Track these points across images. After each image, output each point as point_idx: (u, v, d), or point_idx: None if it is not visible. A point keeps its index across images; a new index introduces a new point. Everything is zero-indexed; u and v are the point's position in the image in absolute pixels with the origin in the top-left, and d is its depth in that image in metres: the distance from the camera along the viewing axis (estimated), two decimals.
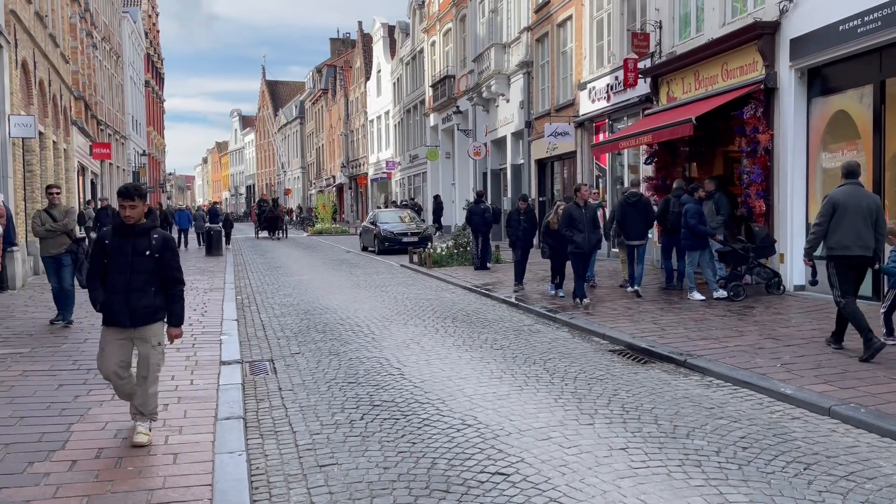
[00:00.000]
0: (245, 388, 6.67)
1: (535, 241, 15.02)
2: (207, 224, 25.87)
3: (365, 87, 50.41)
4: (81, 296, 8.69)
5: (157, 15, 55.76)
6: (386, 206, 36.65)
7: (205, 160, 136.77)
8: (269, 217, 34.35)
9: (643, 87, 15.80)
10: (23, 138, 14.49)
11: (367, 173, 50.36)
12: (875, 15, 9.50)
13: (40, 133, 16.42)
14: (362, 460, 4.80)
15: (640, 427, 5.31)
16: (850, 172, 7.41)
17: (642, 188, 15.70)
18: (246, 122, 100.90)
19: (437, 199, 33.91)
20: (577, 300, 10.80)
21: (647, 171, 15.56)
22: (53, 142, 18.66)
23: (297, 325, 10.16)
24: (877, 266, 7.55)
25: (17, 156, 14.56)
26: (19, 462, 4.54)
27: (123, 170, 36.51)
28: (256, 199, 49.79)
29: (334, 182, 59.17)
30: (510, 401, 6.06)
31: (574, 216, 10.75)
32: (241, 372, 7.20)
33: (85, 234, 17.15)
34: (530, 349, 8.19)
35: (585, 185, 11.88)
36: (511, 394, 6.29)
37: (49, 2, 18.92)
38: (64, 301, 9.42)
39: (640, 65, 15.55)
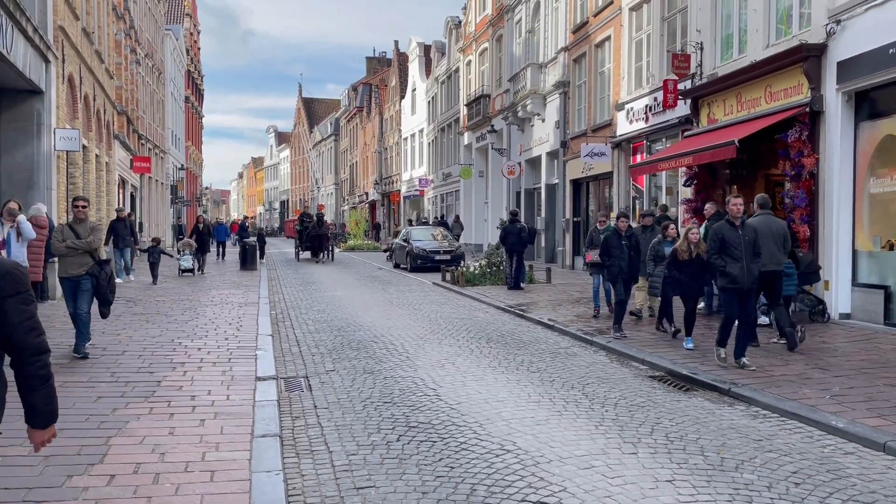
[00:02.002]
0: (280, 404, 6.63)
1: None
2: (248, 238, 26.16)
3: (400, 106, 50.80)
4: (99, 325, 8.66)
5: (198, 33, 56.96)
6: (418, 223, 36.65)
7: (240, 175, 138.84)
8: (314, 235, 28.60)
9: (682, 108, 15.62)
10: (67, 151, 14.77)
11: (399, 190, 50.59)
12: None
13: (84, 146, 16.74)
14: (400, 484, 4.71)
15: (686, 458, 5.14)
16: (763, 205, 9.28)
17: (681, 210, 15.54)
18: (281, 138, 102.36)
19: (443, 218, 34.01)
20: (738, 360, 7.87)
21: (685, 192, 15.34)
22: (96, 155, 19.03)
23: (332, 341, 10.13)
24: None
25: (61, 168, 14.86)
26: (59, 475, 4.54)
27: (162, 183, 37.16)
28: (298, 213, 41.97)
29: (367, 198, 59.53)
30: (549, 426, 5.93)
31: (728, 239, 7.93)
32: (277, 388, 7.17)
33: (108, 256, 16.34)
34: (568, 373, 8.04)
35: (737, 196, 8.33)
36: (550, 419, 6.15)
37: (96, 18, 19.38)
38: (77, 329, 8.28)
39: (681, 86, 15.39)
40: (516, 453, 5.25)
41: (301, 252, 29.94)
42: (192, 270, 20.21)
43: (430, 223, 33.35)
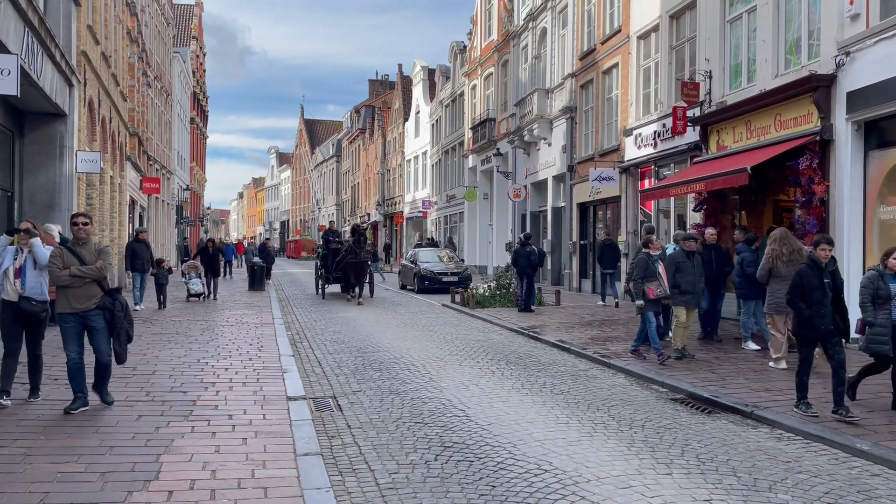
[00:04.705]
0: (314, 424, 6.77)
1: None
2: (255, 258, 26.15)
3: (403, 128, 51.26)
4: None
5: (204, 55, 57.54)
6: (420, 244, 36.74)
7: (240, 195, 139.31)
8: (351, 263, 19.38)
9: (691, 134, 15.90)
10: (87, 173, 14.99)
11: (402, 212, 50.89)
12: None
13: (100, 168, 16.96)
14: (445, 501, 4.86)
15: (720, 479, 5.30)
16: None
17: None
18: (283, 158, 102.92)
19: (432, 240, 34.32)
20: None
21: (694, 217, 15.57)
22: (111, 176, 19.27)
23: (353, 362, 10.28)
24: None
25: (81, 190, 15.08)
26: (119, 491, 4.68)
27: (168, 203, 37.40)
28: (298, 233, 31.64)
29: (369, 219, 59.80)
30: (582, 447, 6.09)
31: None
32: (309, 408, 7.32)
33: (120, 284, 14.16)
34: (591, 395, 8.21)
35: None
36: (582, 440, 6.31)
37: (113, 42, 19.72)
38: (100, 374, 6.99)
39: (690, 113, 15.69)
40: (554, 473, 5.41)
41: (327, 283, 21.51)
42: (200, 295, 19.04)
43: (424, 245, 33.57)
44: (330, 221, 29.75)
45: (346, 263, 19.52)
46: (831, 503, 4.84)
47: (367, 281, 19.94)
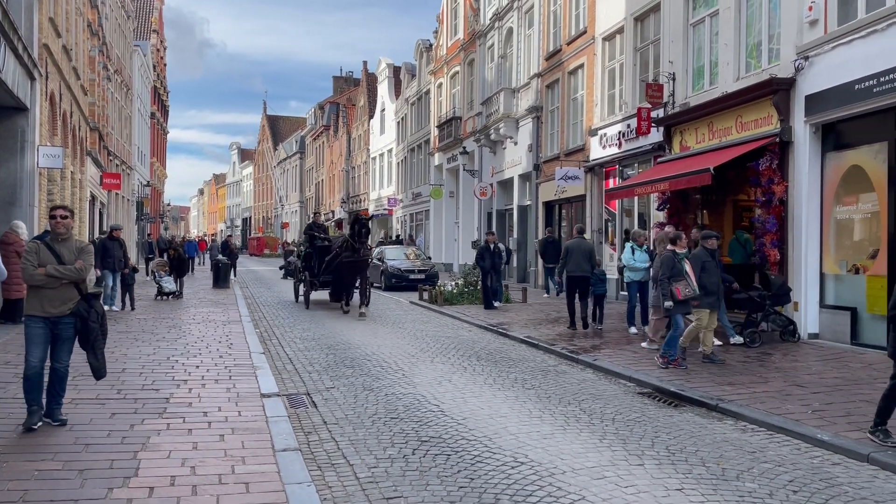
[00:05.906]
0: (290, 420, 6.79)
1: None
2: (219, 255, 25.81)
3: (368, 125, 51.11)
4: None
5: (164, 49, 56.57)
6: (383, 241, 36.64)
7: (201, 191, 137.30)
8: (347, 262, 15.88)
9: (655, 135, 16.22)
10: (48, 168, 14.70)
11: (367, 209, 50.73)
12: (891, 76, 9.94)
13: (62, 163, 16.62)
14: (426, 494, 4.95)
15: (690, 469, 5.49)
16: (580, 231, 14.09)
17: (653, 234, 16.08)
18: (245, 155, 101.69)
19: (397, 237, 33.75)
20: None
21: (657, 216, 15.90)
22: (71, 172, 18.90)
23: (324, 359, 10.29)
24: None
25: (42, 186, 14.78)
26: (99, 488, 4.67)
27: (128, 200, 36.76)
28: (261, 229, 25.96)
29: (333, 217, 59.48)
30: (556, 440, 6.23)
31: None
32: (284, 405, 7.33)
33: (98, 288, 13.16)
34: (561, 390, 8.37)
35: None
36: (555, 433, 6.45)
37: (74, 35, 19.33)
38: (54, 387, 6.10)
39: (654, 114, 16.00)
40: (530, 465, 5.54)
41: (310, 289, 17.68)
42: (171, 293, 18.54)
43: (388, 243, 33.58)
44: (314, 213, 24.29)
45: (340, 263, 15.95)
46: (796, 491, 5.06)
47: (365, 288, 16.02)
